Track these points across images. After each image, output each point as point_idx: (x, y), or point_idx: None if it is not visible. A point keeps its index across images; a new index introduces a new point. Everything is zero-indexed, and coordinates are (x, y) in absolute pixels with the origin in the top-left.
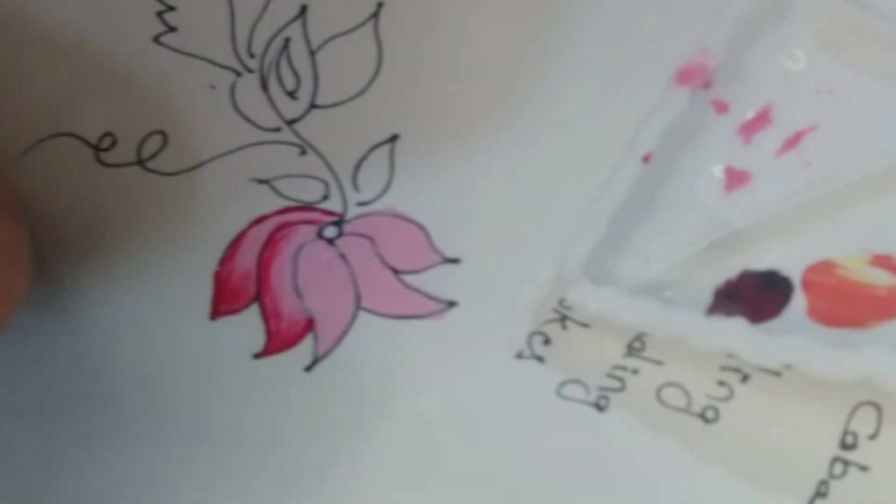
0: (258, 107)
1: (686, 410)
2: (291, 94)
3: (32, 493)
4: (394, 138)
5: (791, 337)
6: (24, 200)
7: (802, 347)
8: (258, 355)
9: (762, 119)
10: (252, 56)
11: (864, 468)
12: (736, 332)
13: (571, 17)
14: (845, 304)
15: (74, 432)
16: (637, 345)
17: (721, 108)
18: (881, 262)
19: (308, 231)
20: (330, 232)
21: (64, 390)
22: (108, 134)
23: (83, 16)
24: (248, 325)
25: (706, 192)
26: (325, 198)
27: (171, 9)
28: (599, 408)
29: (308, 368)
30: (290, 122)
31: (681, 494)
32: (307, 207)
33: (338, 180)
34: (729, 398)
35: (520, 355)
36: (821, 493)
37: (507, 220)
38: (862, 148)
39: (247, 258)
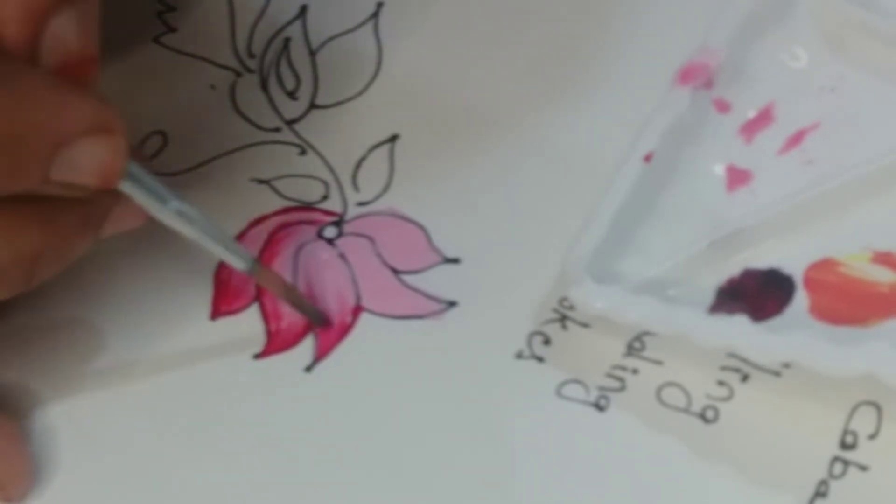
0: (258, 107)
1: (686, 410)
2: (291, 94)
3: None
4: (394, 138)
5: (793, 334)
6: None
7: (805, 345)
8: (258, 355)
9: (764, 118)
10: (252, 56)
11: (863, 468)
12: (738, 330)
13: (572, 17)
14: (847, 302)
15: (74, 429)
16: (637, 345)
17: (723, 107)
18: (883, 259)
19: (308, 231)
20: (330, 232)
21: (64, 388)
22: None
23: None
24: (248, 325)
25: (708, 191)
26: (325, 198)
27: (171, 9)
28: (599, 408)
29: (308, 368)
30: (290, 122)
31: (681, 494)
32: (307, 207)
33: (338, 180)
34: (729, 398)
35: (520, 355)
36: (821, 492)
37: (507, 220)
38: (864, 146)
39: None
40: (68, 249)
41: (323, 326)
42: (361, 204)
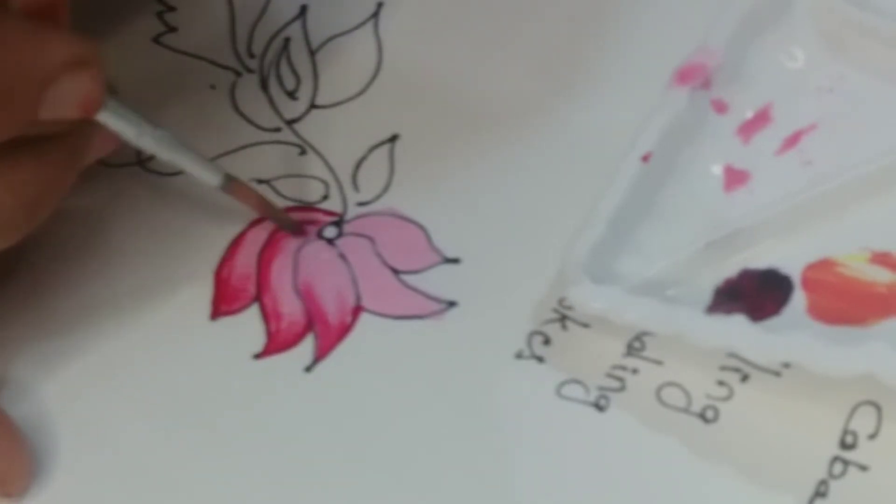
0: (258, 107)
1: (686, 410)
2: (291, 94)
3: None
4: (394, 138)
5: (791, 335)
6: None
7: (803, 345)
8: (258, 355)
9: (762, 118)
10: (252, 56)
11: (863, 468)
12: (736, 330)
13: (571, 17)
14: (845, 302)
15: (74, 426)
16: (637, 345)
17: (721, 107)
18: (881, 259)
19: (308, 231)
20: (330, 232)
21: (64, 386)
22: None
23: (83, 16)
24: (248, 325)
25: (706, 192)
26: (325, 198)
27: (171, 9)
28: (599, 408)
29: (308, 368)
30: (290, 122)
31: (681, 494)
32: (307, 207)
33: (338, 180)
34: (728, 398)
35: (520, 355)
36: (820, 492)
37: (507, 220)
38: (862, 146)
39: (247, 258)
40: (61, 184)
41: (298, 234)
42: (361, 204)
